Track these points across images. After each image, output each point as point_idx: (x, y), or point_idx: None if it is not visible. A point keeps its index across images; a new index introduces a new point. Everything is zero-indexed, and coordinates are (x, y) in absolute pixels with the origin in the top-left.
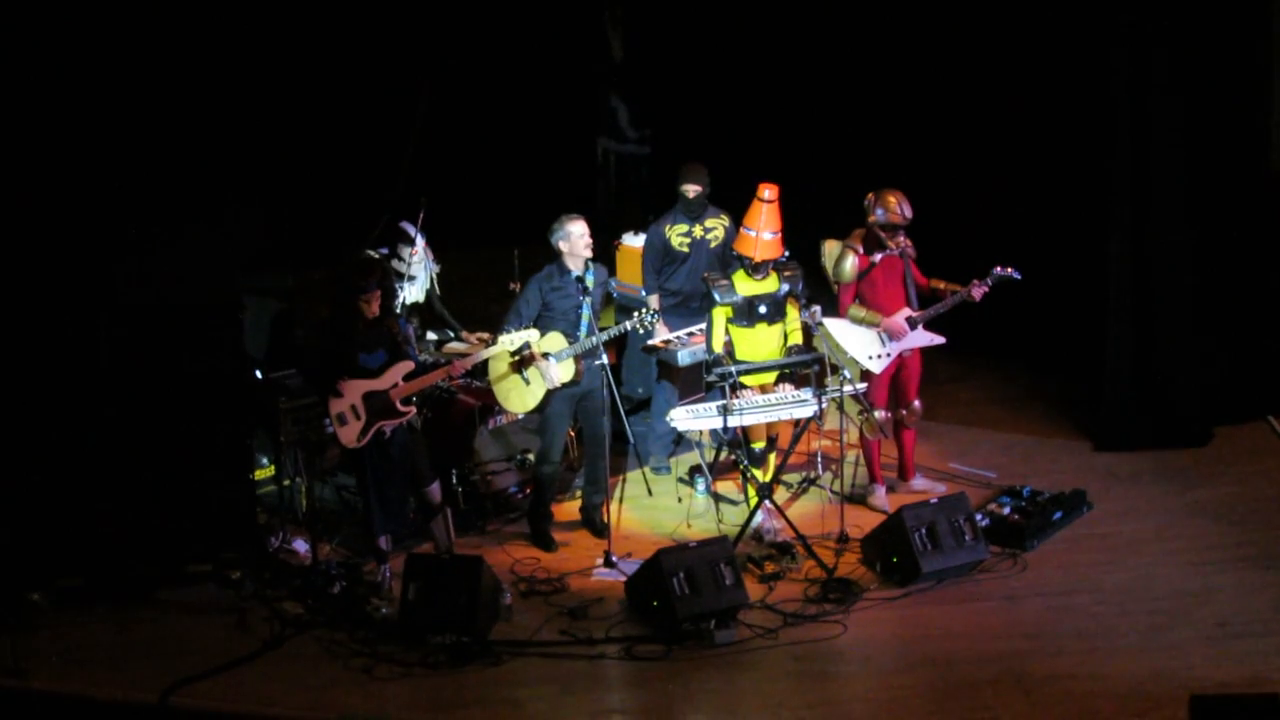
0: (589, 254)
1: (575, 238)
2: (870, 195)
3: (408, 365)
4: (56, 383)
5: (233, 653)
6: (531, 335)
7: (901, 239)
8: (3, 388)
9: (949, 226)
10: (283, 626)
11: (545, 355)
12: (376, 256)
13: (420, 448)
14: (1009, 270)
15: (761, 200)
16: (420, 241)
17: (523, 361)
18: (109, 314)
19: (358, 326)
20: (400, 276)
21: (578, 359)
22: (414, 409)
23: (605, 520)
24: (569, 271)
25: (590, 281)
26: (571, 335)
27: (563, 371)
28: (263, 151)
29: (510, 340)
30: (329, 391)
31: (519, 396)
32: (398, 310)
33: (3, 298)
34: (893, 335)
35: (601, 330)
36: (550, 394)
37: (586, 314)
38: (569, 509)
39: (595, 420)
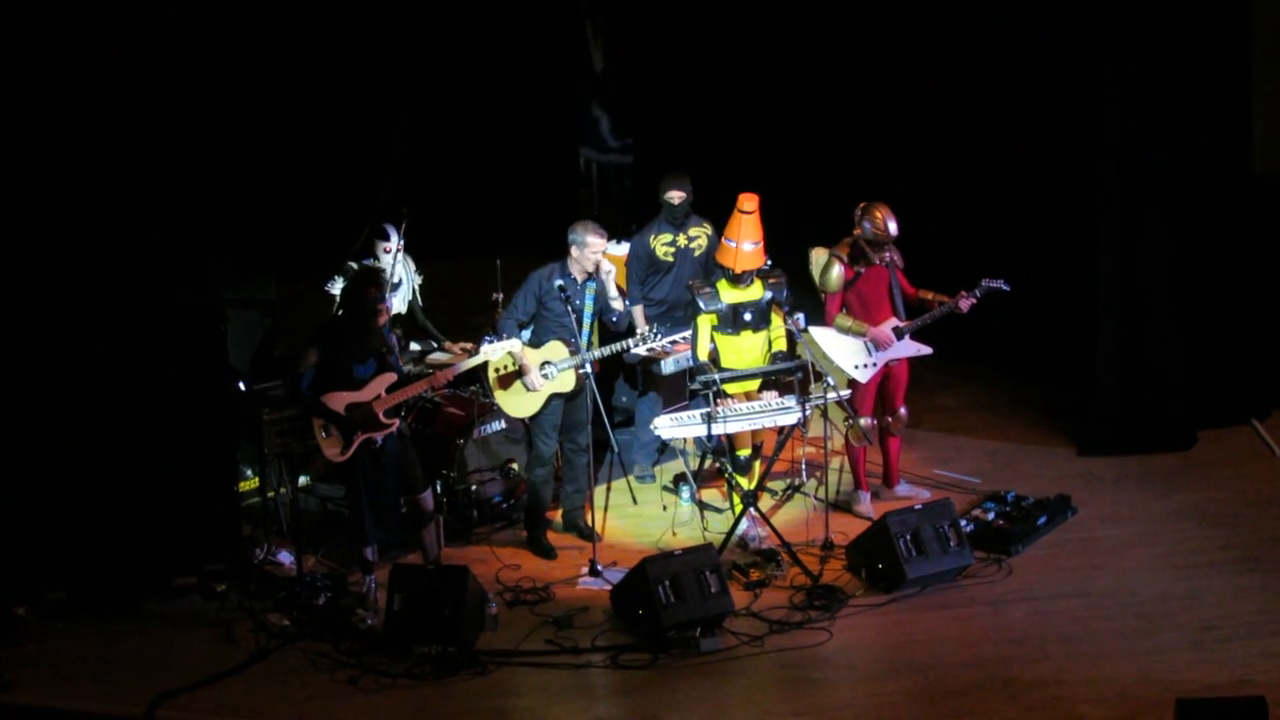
0: (590, 269)
1: (588, 250)
2: (860, 207)
3: (390, 377)
4: (40, 396)
5: (218, 665)
6: (513, 345)
7: (887, 253)
8: None
9: (936, 236)
10: (268, 638)
11: (546, 364)
12: (358, 267)
13: (412, 456)
14: (997, 282)
15: (741, 212)
16: (396, 240)
17: (519, 370)
18: (92, 327)
19: (360, 336)
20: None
21: (578, 369)
22: (398, 421)
23: (589, 523)
24: (569, 274)
25: (592, 289)
26: (572, 344)
27: (563, 381)
28: (245, 163)
29: (492, 350)
30: (314, 407)
31: (520, 402)
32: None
33: None
34: (879, 345)
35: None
36: (551, 399)
37: (588, 322)
38: (551, 516)
39: (579, 415)
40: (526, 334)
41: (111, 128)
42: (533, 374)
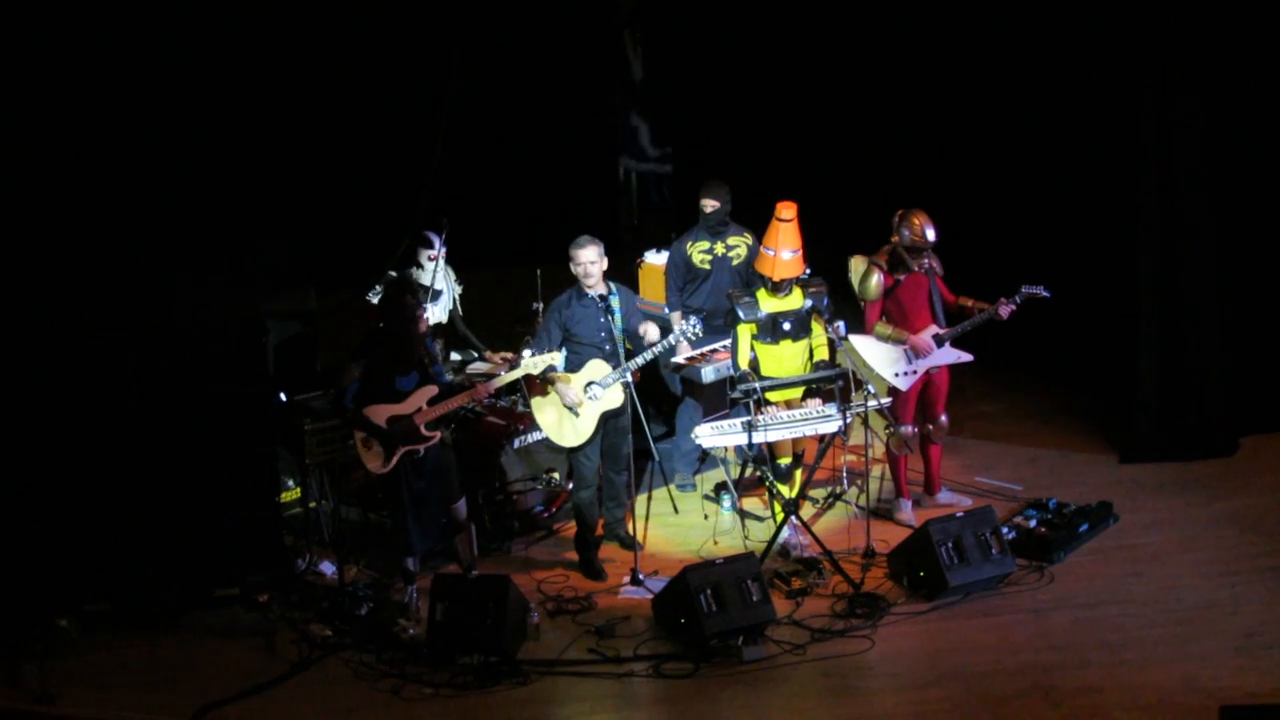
0: (590, 282)
1: (574, 265)
2: (898, 214)
3: (432, 390)
4: (83, 408)
5: (261, 676)
6: (554, 358)
7: (925, 260)
8: (30, 414)
9: (976, 243)
10: (310, 649)
11: (590, 384)
12: (392, 277)
13: (453, 465)
14: (1038, 289)
15: (780, 220)
16: (439, 247)
17: (546, 386)
18: (135, 339)
19: (401, 344)
20: (424, 289)
21: (625, 387)
22: (439, 435)
23: (630, 532)
24: (586, 294)
25: (615, 302)
26: (613, 360)
27: (610, 397)
28: (285, 174)
29: (533, 362)
30: (356, 420)
31: (571, 430)
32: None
33: (31, 325)
34: (919, 353)
35: (648, 348)
36: (600, 419)
37: (619, 334)
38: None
39: (619, 437)
40: (562, 360)
41: (147, 136)
42: (569, 392)
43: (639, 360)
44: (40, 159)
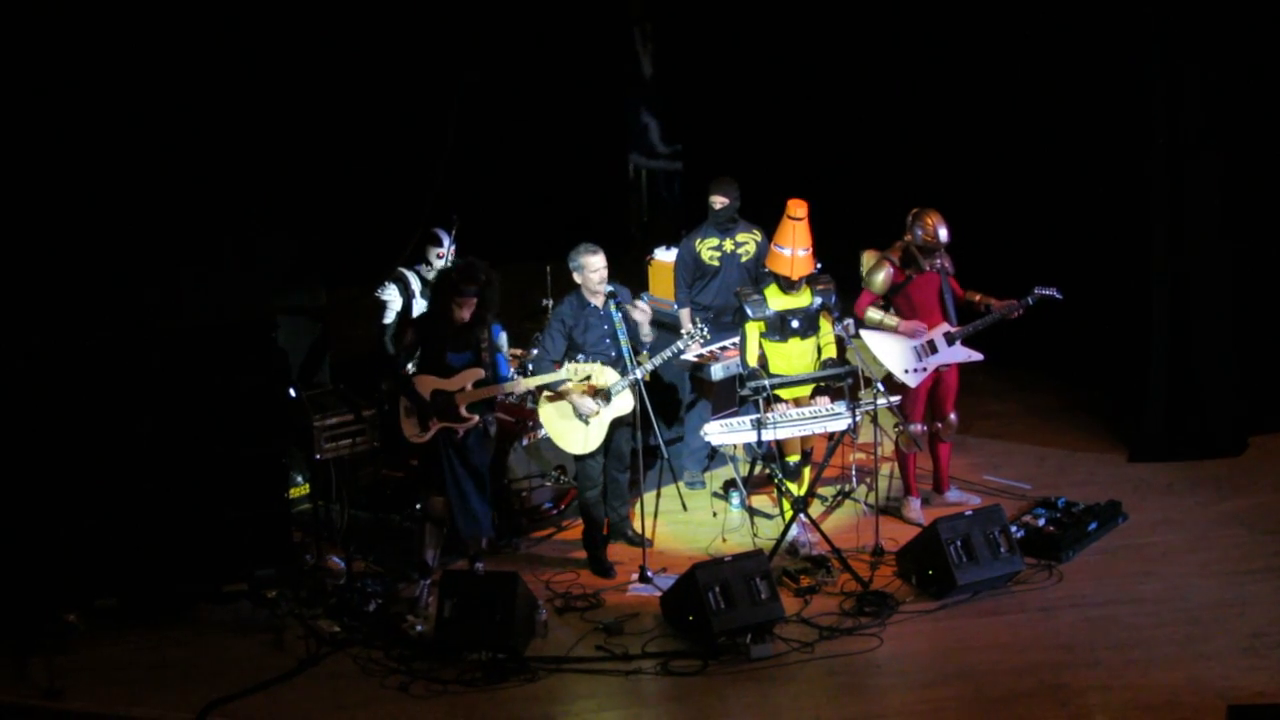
0: (602, 288)
1: (588, 271)
2: (911, 213)
3: (478, 372)
4: (91, 404)
5: (269, 672)
6: (595, 368)
7: (938, 260)
8: (39, 410)
9: (988, 241)
10: (318, 644)
11: (598, 391)
12: (407, 273)
13: (489, 455)
14: (1050, 290)
15: (792, 218)
16: (448, 244)
17: (557, 396)
18: (143, 335)
19: (449, 326)
20: (426, 284)
21: (634, 386)
22: (477, 419)
23: (638, 530)
24: (589, 303)
25: (614, 305)
26: (621, 365)
27: (620, 403)
28: (293, 170)
29: (574, 369)
30: (404, 385)
31: (581, 437)
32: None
33: (38, 322)
34: (911, 339)
35: (654, 354)
36: (613, 426)
37: (624, 340)
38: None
39: (621, 437)
40: (598, 367)
41: (154, 132)
42: (585, 403)
43: (648, 366)
44: (46, 155)
